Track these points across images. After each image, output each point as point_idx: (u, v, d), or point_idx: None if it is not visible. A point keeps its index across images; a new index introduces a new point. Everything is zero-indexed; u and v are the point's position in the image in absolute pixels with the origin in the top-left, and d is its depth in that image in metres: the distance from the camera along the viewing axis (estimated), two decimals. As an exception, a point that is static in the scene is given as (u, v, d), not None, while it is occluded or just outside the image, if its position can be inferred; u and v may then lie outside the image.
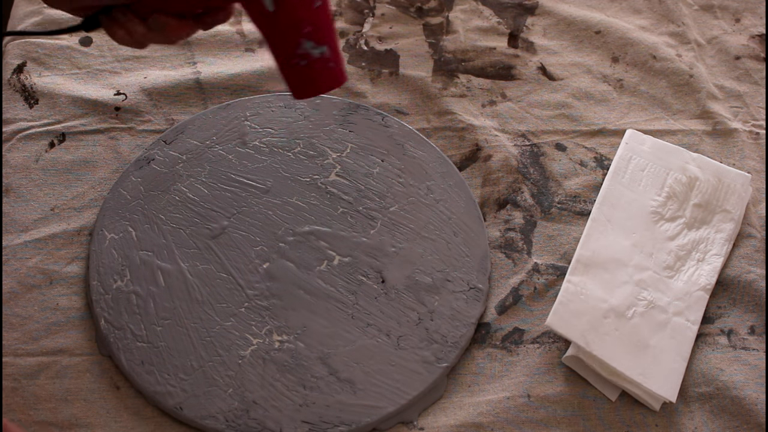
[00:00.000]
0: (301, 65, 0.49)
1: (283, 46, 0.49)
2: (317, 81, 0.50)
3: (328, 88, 0.51)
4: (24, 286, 0.61)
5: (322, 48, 0.49)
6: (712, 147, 0.74)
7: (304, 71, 0.50)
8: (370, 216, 0.66)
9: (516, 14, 0.83)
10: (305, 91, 0.51)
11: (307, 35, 0.48)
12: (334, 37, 0.50)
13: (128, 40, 0.50)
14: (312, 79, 0.50)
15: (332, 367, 0.58)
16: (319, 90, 0.52)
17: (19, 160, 0.68)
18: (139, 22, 0.49)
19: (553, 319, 0.59)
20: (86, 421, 0.56)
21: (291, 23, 0.48)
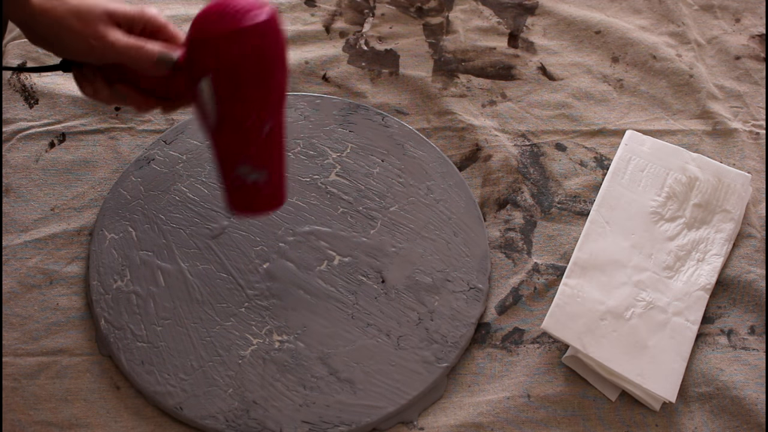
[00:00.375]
0: (235, 185, 0.50)
1: (222, 163, 0.50)
2: (249, 203, 0.52)
3: (258, 213, 0.53)
4: (24, 286, 0.61)
5: (259, 174, 0.50)
6: (712, 147, 0.74)
7: (237, 191, 0.51)
8: (370, 216, 0.66)
9: (516, 14, 0.83)
10: (237, 209, 0.52)
11: (244, 160, 0.49)
12: (277, 165, 0.51)
13: (94, 97, 0.52)
14: (244, 200, 0.52)
15: (332, 367, 0.58)
16: (250, 212, 0.53)
17: (19, 160, 0.68)
18: (105, 84, 0.51)
19: (549, 322, 0.59)
20: (86, 421, 0.56)
21: (232, 146, 0.49)
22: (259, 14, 0.46)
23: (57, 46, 0.49)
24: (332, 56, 0.78)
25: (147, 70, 0.49)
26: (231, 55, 0.46)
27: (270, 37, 0.47)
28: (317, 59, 0.77)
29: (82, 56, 0.49)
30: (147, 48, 0.49)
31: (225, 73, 0.46)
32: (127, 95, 0.52)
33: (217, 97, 0.47)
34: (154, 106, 0.53)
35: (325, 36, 0.80)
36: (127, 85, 0.52)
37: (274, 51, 0.48)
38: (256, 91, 0.47)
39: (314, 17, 0.81)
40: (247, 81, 0.47)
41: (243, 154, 0.49)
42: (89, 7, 0.48)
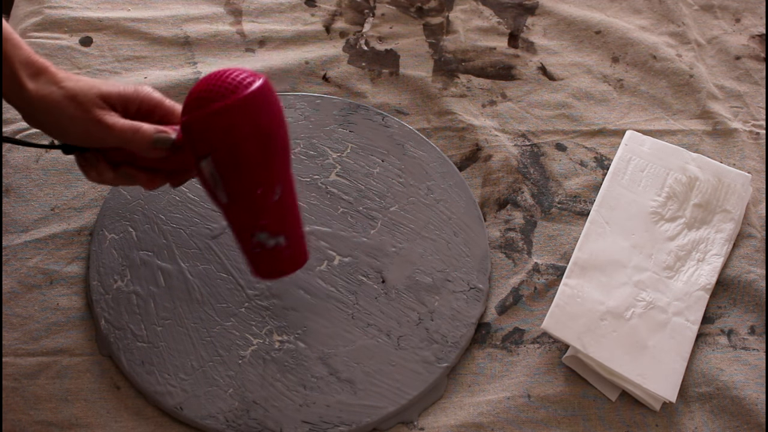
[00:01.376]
0: (256, 252, 0.50)
1: (239, 233, 0.50)
2: (272, 268, 0.52)
3: (285, 274, 0.53)
4: (24, 286, 0.61)
5: (278, 238, 0.50)
6: (712, 147, 0.74)
7: (260, 257, 0.51)
8: (370, 216, 0.66)
9: (516, 14, 0.83)
10: (262, 274, 0.53)
11: (261, 228, 0.49)
12: (293, 225, 0.51)
13: (98, 180, 0.52)
14: (267, 265, 0.52)
15: (332, 367, 0.58)
16: (275, 275, 0.53)
17: (20, 160, 0.68)
18: (109, 167, 0.51)
19: (549, 322, 0.59)
20: (86, 421, 0.56)
21: (245, 216, 0.49)
22: (250, 84, 0.46)
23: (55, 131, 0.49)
24: (332, 56, 0.78)
25: (145, 152, 0.49)
26: (227, 131, 0.45)
27: (264, 104, 0.46)
28: (317, 59, 0.77)
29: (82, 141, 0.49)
30: (143, 130, 0.48)
31: (225, 150, 0.46)
32: (133, 176, 0.51)
33: (220, 174, 0.47)
34: (162, 182, 0.53)
35: (326, 36, 0.80)
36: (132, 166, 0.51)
37: (271, 117, 0.47)
38: (260, 161, 0.47)
39: (314, 17, 0.81)
40: (248, 153, 0.46)
41: (258, 222, 0.49)
42: (84, 91, 0.47)
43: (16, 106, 0.48)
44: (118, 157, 0.51)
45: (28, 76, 0.47)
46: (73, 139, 0.49)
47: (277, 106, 0.48)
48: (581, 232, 0.65)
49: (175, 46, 0.77)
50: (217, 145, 0.46)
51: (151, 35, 0.77)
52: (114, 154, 0.51)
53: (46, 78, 0.48)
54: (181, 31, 0.78)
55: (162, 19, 0.78)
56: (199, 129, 0.46)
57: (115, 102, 0.49)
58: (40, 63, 0.48)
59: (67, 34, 0.76)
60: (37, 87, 0.47)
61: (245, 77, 0.46)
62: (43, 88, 0.47)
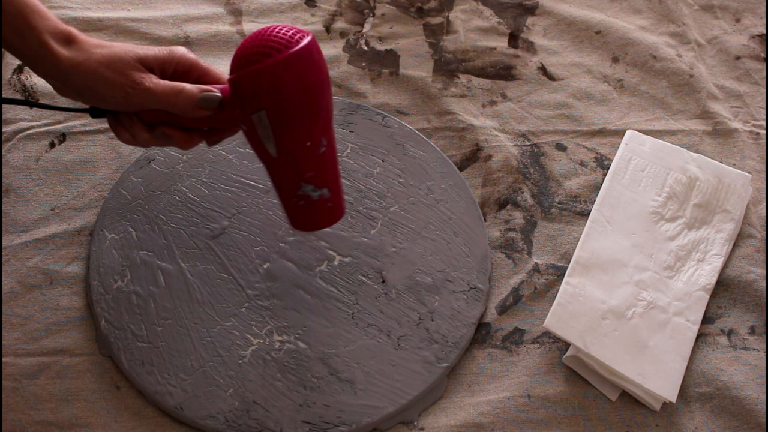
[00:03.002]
0: (300, 204, 0.51)
1: (285, 186, 0.51)
2: (315, 219, 0.53)
3: (325, 226, 0.54)
4: (24, 286, 0.61)
5: (322, 190, 0.51)
6: (712, 147, 0.74)
7: (303, 209, 0.52)
8: (370, 216, 0.66)
9: (516, 14, 0.83)
10: (303, 226, 0.53)
11: (307, 179, 0.50)
12: (335, 178, 0.52)
13: (132, 142, 0.51)
14: (310, 217, 0.53)
15: (332, 367, 0.58)
16: (316, 227, 0.54)
17: (20, 160, 0.68)
18: (144, 128, 0.50)
19: (551, 321, 0.59)
20: (86, 421, 0.56)
21: (293, 169, 0.49)
22: (300, 39, 0.47)
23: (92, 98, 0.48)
24: (332, 56, 0.78)
25: (190, 113, 0.49)
26: (279, 86, 0.46)
27: (315, 58, 0.47)
28: (317, 59, 0.77)
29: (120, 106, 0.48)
30: (187, 90, 0.48)
31: (276, 104, 0.46)
32: (170, 135, 0.51)
33: (273, 128, 0.47)
34: (198, 141, 0.53)
35: (326, 36, 0.80)
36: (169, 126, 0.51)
37: (321, 72, 0.48)
38: (311, 114, 0.47)
39: (314, 17, 0.81)
40: (302, 106, 0.47)
41: (306, 174, 0.50)
42: (120, 56, 0.47)
43: (49, 77, 0.47)
44: (152, 117, 0.51)
45: (60, 44, 0.46)
46: (113, 104, 0.48)
47: (323, 61, 0.48)
48: (581, 232, 0.65)
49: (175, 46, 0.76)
50: (269, 100, 0.46)
51: (151, 35, 0.77)
52: (148, 115, 0.51)
53: (78, 45, 0.47)
54: (181, 31, 0.78)
55: (162, 19, 0.78)
56: (251, 85, 0.46)
57: (152, 64, 0.49)
58: (70, 31, 0.47)
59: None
60: (71, 55, 0.46)
61: (294, 33, 0.47)
62: (78, 55, 0.46)
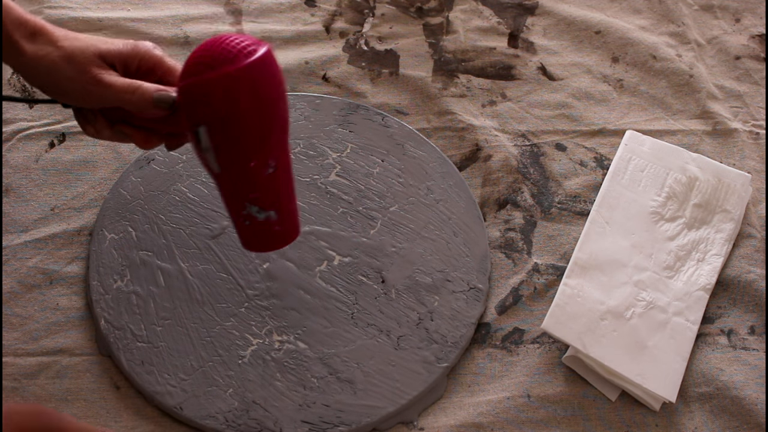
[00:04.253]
0: (246, 224, 0.49)
1: (229, 203, 0.49)
2: (261, 241, 0.51)
3: (272, 249, 0.52)
4: (24, 286, 0.61)
5: (268, 213, 0.48)
6: (712, 147, 0.74)
7: (249, 230, 0.50)
8: (370, 216, 0.66)
9: (516, 14, 0.83)
10: (251, 247, 0.52)
11: (252, 201, 0.48)
12: (284, 201, 0.49)
13: (96, 136, 0.51)
14: (256, 238, 0.51)
15: (332, 367, 0.58)
16: (263, 249, 0.52)
17: (19, 160, 0.68)
18: (107, 124, 0.50)
19: (549, 322, 0.59)
20: (86, 421, 0.56)
21: (236, 187, 0.48)
22: (251, 53, 0.44)
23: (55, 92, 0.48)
24: (332, 56, 0.78)
25: (145, 111, 0.48)
26: (224, 101, 0.43)
27: (265, 75, 0.44)
28: (317, 59, 0.77)
29: (81, 101, 0.48)
30: (143, 89, 0.47)
31: (220, 119, 0.44)
32: (129, 134, 0.51)
33: (214, 144, 0.45)
34: (157, 143, 0.52)
35: (325, 36, 0.80)
36: (129, 125, 0.51)
37: (271, 90, 0.45)
38: (256, 134, 0.45)
39: (314, 17, 0.81)
40: (245, 125, 0.44)
41: (249, 195, 0.48)
42: (81, 50, 0.47)
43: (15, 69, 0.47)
44: (116, 115, 0.50)
45: (25, 37, 0.46)
46: (73, 99, 0.48)
47: (279, 77, 0.46)
48: (581, 232, 0.65)
49: (175, 46, 0.77)
50: (213, 114, 0.44)
51: (151, 35, 0.77)
52: (112, 112, 0.50)
53: (43, 39, 0.47)
54: (181, 31, 0.78)
55: (162, 19, 0.78)
56: (195, 96, 0.44)
57: (114, 60, 0.48)
58: (36, 23, 0.47)
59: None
60: (35, 48, 0.46)
61: (247, 44, 0.44)
62: (41, 49, 0.46)
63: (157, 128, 0.52)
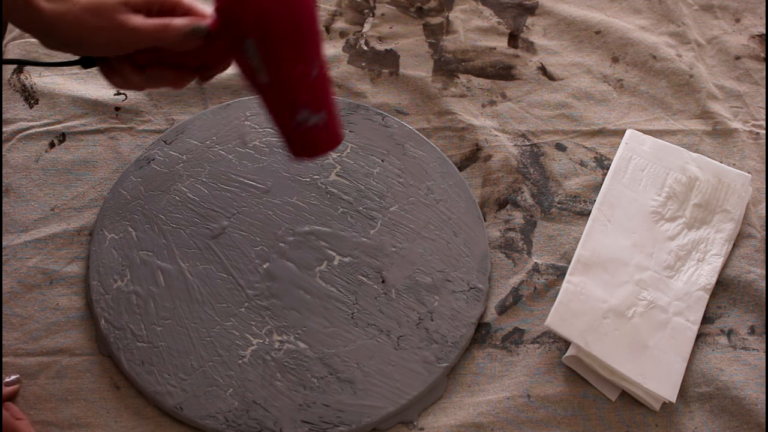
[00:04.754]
0: (298, 132, 0.50)
1: (280, 114, 0.50)
2: (313, 146, 0.52)
3: (324, 152, 0.53)
4: (24, 286, 0.61)
5: (319, 115, 0.50)
6: (712, 147, 0.74)
7: (301, 137, 0.51)
8: (370, 216, 0.66)
9: (516, 14, 0.83)
10: (302, 154, 0.52)
11: (302, 105, 0.49)
12: (330, 102, 0.51)
13: (125, 87, 0.51)
14: (308, 144, 0.51)
15: (332, 367, 0.58)
16: (315, 154, 0.53)
17: (19, 160, 0.68)
18: (136, 71, 0.50)
19: (553, 319, 0.59)
20: (86, 421, 0.56)
21: (286, 95, 0.49)
22: None
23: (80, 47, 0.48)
24: (332, 56, 0.78)
25: (178, 46, 0.48)
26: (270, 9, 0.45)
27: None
28: (317, 59, 0.77)
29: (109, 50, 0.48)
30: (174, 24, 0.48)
31: (270, 29, 0.46)
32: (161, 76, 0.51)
33: (263, 55, 0.47)
34: (190, 79, 0.52)
35: (325, 36, 0.80)
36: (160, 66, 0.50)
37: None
38: (298, 38, 0.47)
39: (314, 17, 0.81)
40: (292, 32, 0.46)
41: (299, 101, 0.49)
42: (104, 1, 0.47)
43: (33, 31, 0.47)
44: (143, 59, 0.50)
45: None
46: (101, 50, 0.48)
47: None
48: (581, 232, 0.65)
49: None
50: (256, 27, 0.46)
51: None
52: (139, 57, 0.50)
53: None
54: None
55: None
56: (237, 13, 0.46)
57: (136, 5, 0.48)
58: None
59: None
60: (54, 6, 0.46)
61: None
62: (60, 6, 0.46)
63: (188, 63, 0.52)
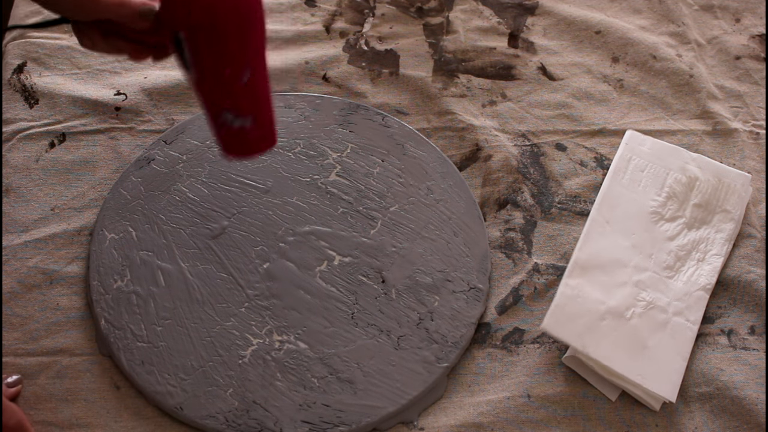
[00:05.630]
0: (222, 131, 0.51)
1: (206, 110, 0.51)
2: (240, 147, 0.52)
3: (250, 155, 0.53)
4: (24, 286, 0.61)
5: (244, 120, 0.50)
6: (712, 147, 0.74)
7: (226, 137, 0.51)
8: (370, 216, 0.66)
9: (516, 14, 0.83)
10: (231, 153, 0.53)
11: (227, 108, 0.49)
12: (260, 109, 0.51)
13: (92, 49, 0.54)
14: (235, 144, 0.52)
15: (332, 367, 0.58)
16: (243, 154, 0.53)
17: (20, 160, 0.68)
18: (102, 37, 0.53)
19: (549, 322, 0.59)
20: (86, 421, 0.56)
21: (212, 95, 0.49)
22: None
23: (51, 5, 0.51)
24: (332, 56, 0.78)
25: (133, 23, 0.51)
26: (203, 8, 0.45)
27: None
28: (317, 59, 0.77)
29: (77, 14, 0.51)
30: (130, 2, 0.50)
31: (199, 27, 0.46)
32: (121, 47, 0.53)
33: (192, 51, 0.47)
34: (147, 55, 0.55)
35: (326, 36, 0.80)
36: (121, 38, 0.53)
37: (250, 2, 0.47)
38: (233, 43, 0.47)
39: (314, 17, 0.81)
40: (221, 33, 0.46)
41: (224, 102, 0.49)
42: None
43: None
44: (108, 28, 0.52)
45: None
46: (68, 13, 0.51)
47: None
48: (581, 232, 0.65)
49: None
50: (191, 22, 0.46)
51: (151, 35, 0.77)
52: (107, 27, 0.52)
53: None
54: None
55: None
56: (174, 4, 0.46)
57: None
58: None
59: (67, 34, 0.76)
60: None
61: None
62: None
63: (146, 40, 0.53)
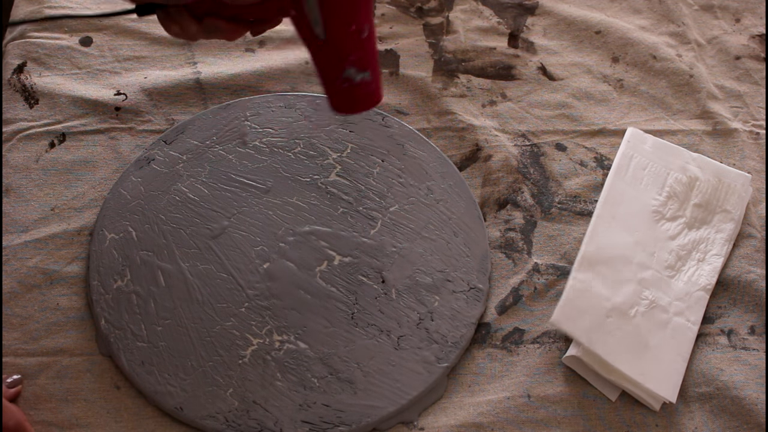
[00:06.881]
0: (343, 87, 0.53)
1: (329, 69, 0.53)
2: (357, 102, 0.55)
3: (366, 109, 0.56)
4: (24, 286, 0.61)
5: (365, 73, 0.52)
6: (712, 147, 0.74)
7: (346, 93, 0.53)
8: (370, 216, 0.66)
9: (516, 14, 0.83)
10: (345, 109, 0.55)
11: (351, 63, 0.51)
12: (375, 64, 0.54)
13: (181, 35, 0.52)
14: (352, 100, 0.54)
15: (332, 367, 0.58)
16: (358, 110, 0.56)
17: (20, 160, 0.68)
18: (193, 21, 0.51)
19: (559, 316, 0.59)
20: (86, 421, 0.56)
21: (338, 52, 0.51)
22: None
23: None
24: (332, 56, 0.78)
25: None
26: None
27: None
28: (317, 59, 0.77)
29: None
30: None
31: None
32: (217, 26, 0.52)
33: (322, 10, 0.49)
34: (244, 31, 0.54)
35: (325, 36, 0.80)
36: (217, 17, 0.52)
37: None
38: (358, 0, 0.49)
39: (314, 17, 0.81)
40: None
41: (350, 58, 0.51)
42: None
43: None
44: (200, 9, 0.52)
45: None
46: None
47: None
48: (582, 232, 0.65)
49: (175, 46, 0.76)
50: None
51: (151, 35, 0.77)
52: (196, 7, 0.52)
53: None
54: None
55: (162, 19, 0.78)
56: None
57: None
58: None
59: (67, 34, 0.76)
60: None
61: None
62: None
63: (244, 15, 0.54)
